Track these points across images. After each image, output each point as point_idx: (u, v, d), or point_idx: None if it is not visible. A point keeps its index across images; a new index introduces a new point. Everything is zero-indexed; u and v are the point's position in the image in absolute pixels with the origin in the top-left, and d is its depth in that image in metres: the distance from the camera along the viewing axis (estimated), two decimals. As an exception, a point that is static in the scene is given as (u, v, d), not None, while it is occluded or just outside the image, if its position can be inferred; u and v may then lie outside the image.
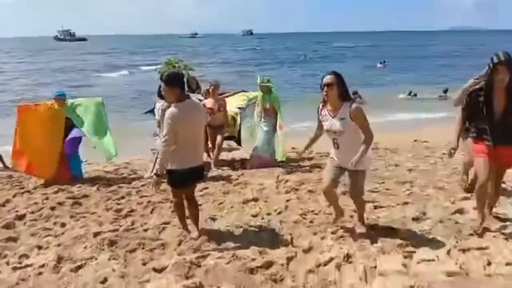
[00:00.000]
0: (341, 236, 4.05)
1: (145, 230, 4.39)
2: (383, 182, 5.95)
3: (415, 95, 18.67)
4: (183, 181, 3.97)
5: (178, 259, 3.63)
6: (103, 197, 5.70)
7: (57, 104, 6.49)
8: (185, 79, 9.28)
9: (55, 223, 4.72)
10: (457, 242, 3.83)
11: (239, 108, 7.85)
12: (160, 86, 6.48)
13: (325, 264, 3.52)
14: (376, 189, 5.65)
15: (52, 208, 5.24)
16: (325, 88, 3.62)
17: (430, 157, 7.60)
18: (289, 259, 3.63)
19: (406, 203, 4.98)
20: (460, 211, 4.59)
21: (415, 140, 9.48)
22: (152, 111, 7.18)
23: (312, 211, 4.82)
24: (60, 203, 5.44)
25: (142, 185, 6.24)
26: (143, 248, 3.94)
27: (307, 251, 3.80)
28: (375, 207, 4.87)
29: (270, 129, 7.07)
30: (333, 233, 4.13)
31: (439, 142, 8.86)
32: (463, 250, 3.67)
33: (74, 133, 6.49)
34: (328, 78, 3.61)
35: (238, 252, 3.78)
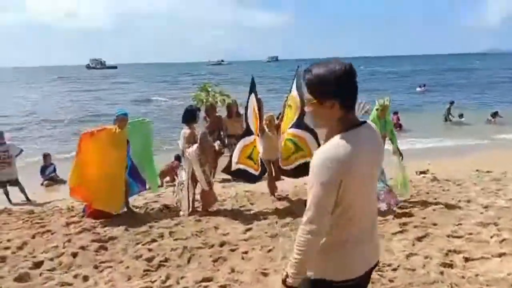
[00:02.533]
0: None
1: (183, 289, 3.55)
2: (460, 224, 4.98)
3: (462, 115, 17.33)
4: None
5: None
6: (132, 240, 4.92)
7: (119, 126, 5.87)
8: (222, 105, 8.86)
9: (76, 276, 3.93)
10: None
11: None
12: (187, 111, 5.93)
13: None
14: (455, 232, 4.69)
15: (74, 255, 4.48)
16: None
17: (503, 190, 6.57)
18: None
19: (503, 254, 3.99)
20: None
21: (477, 170, 8.38)
22: None
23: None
24: (83, 247, 4.68)
25: (176, 224, 5.45)
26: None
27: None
28: (466, 259, 3.91)
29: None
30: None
31: (504, 171, 7.83)
32: None
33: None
34: None
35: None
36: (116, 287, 3.62)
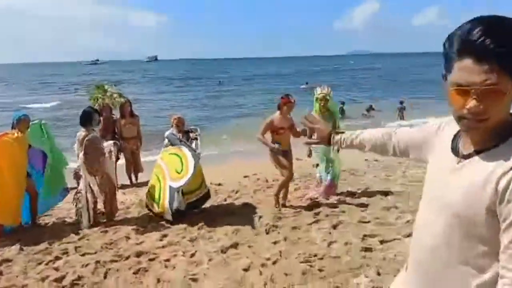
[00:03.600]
0: None
1: (109, 308, 3.17)
2: (365, 210, 5.34)
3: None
4: None
5: None
6: (31, 261, 4.27)
7: (20, 129, 5.29)
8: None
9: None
10: None
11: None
12: (84, 112, 5.45)
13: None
14: (364, 218, 5.01)
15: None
16: None
17: (393, 176, 7.26)
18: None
19: (411, 234, 4.36)
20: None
21: (366, 159, 9.11)
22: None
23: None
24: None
25: (80, 238, 4.90)
26: None
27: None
28: (381, 242, 4.19)
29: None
30: None
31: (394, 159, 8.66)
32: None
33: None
34: None
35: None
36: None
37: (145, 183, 8.04)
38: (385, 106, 19.90)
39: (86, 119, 5.42)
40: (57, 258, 4.34)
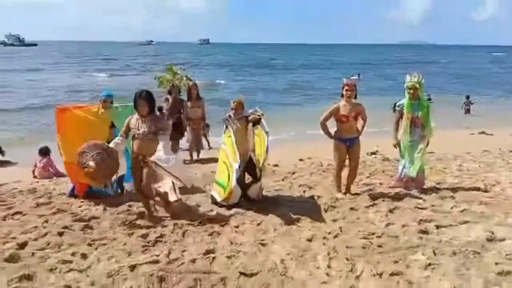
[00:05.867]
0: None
1: (193, 261, 3.64)
2: (421, 198, 5.54)
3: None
4: None
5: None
6: (116, 219, 4.87)
7: (103, 106, 5.78)
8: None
9: (73, 254, 3.86)
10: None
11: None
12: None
13: None
14: (420, 205, 5.22)
15: (60, 234, 4.36)
16: None
17: (448, 168, 7.33)
18: None
19: (467, 221, 4.56)
20: None
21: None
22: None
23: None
24: (66, 227, 4.56)
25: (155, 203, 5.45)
26: (201, 286, 3.23)
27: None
28: (437, 227, 4.43)
29: (417, 143, 5.73)
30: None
31: (444, 152, 8.67)
32: None
33: None
34: None
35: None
36: (122, 263, 3.61)
37: (206, 160, 8.64)
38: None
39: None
40: (137, 218, 4.91)
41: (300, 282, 3.26)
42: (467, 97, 18.76)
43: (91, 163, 4.35)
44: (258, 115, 5.40)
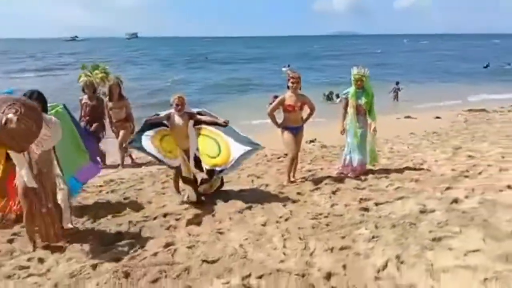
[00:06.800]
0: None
1: (155, 255, 3.76)
2: (359, 179, 6.01)
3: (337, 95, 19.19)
4: None
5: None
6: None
7: None
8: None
9: (29, 259, 3.81)
10: None
11: None
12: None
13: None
14: (359, 185, 5.68)
15: (10, 241, 4.26)
16: None
17: (381, 151, 7.94)
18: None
19: (401, 197, 5.05)
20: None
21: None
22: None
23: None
24: (16, 234, 4.45)
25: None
26: (166, 277, 3.36)
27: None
28: (376, 204, 4.88)
29: (365, 131, 6.18)
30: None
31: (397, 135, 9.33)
32: None
33: None
34: None
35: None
36: (81, 262, 3.64)
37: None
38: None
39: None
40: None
41: (260, 263, 3.51)
42: (397, 83, 19.49)
43: (11, 116, 3.29)
44: (224, 122, 5.25)
